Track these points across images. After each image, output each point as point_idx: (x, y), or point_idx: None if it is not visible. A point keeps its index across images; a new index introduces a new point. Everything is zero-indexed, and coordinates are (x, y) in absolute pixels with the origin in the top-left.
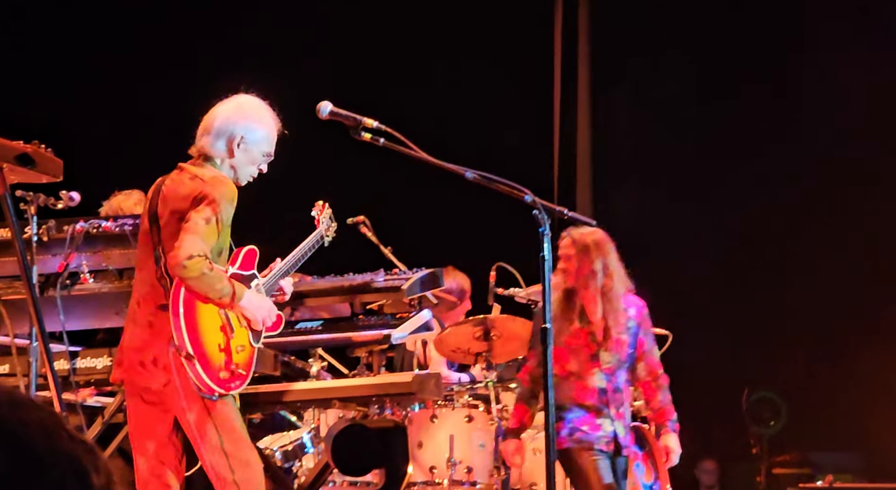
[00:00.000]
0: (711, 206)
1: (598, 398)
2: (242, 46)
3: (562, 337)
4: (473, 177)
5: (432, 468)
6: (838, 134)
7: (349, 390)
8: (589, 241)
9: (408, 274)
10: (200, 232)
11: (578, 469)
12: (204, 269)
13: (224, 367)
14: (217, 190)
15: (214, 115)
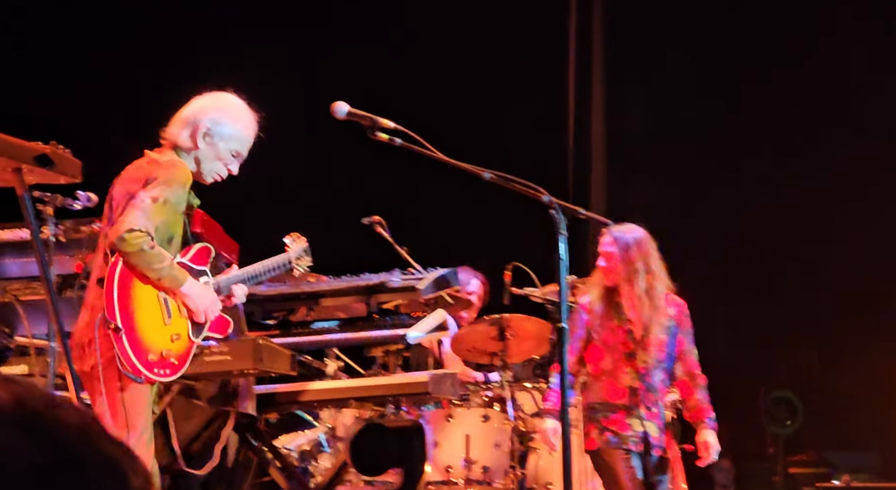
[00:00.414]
0: (727, 203)
1: (629, 397)
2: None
3: (599, 335)
4: (491, 177)
5: (448, 468)
6: (852, 132)
7: (365, 390)
8: (630, 239)
9: (423, 274)
10: (145, 209)
11: (608, 469)
12: (143, 244)
13: (153, 349)
14: (169, 172)
15: (189, 105)
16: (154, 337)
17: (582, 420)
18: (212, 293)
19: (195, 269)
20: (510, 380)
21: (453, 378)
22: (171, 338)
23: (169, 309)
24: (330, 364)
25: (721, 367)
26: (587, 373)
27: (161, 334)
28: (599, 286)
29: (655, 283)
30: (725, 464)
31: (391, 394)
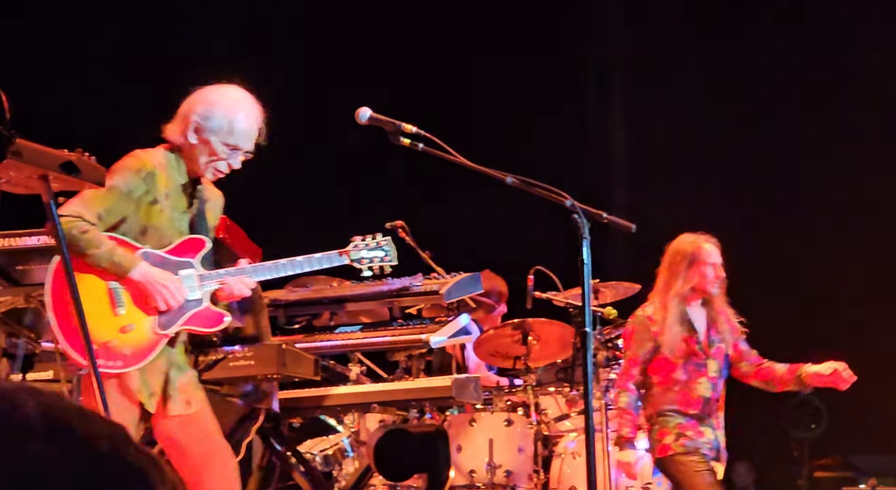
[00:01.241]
0: (749, 206)
1: (702, 407)
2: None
3: (673, 345)
4: (513, 182)
5: (472, 472)
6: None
7: (388, 394)
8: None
9: (446, 278)
10: (84, 196)
11: (686, 473)
12: (73, 230)
13: (95, 341)
14: (122, 160)
15: (184, 101)
16: (96, 328)
17: (649, 427)
18: (172, 281)
19: (172, 261)
20: (533, 384)
21: (476, 382)
22: (121, 329)
23: (120, 299)
24: (353, 369)
25: None
26: (653, 384)
27: (106, 325)
28: (680, 296)
29: (720, 292)
30: (743, 467)
31: (414, 398)
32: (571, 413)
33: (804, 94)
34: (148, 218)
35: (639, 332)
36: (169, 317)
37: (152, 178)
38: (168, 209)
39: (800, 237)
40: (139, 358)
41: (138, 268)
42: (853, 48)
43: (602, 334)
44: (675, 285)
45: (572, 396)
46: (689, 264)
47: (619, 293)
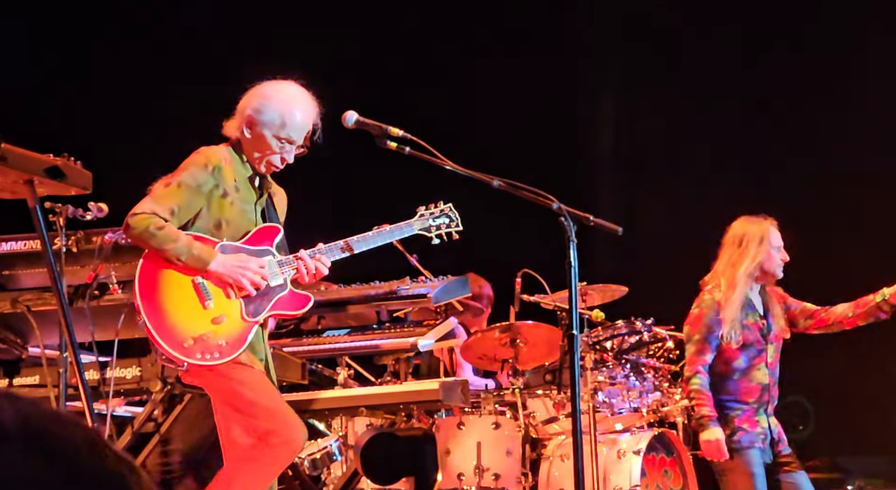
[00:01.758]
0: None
1: (759, 395)
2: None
3: (734, 326)
4: (500, 185)
5: (460, 475)
6: (859, 136)
7: (376, 398)
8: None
9: (434, 281)
10: (154, 194)
11: (740, 471)
12: (150, 226)
13: (186, 335)
14: (189, 158)
15: (243, 96)
16: (189, 323)
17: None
18: (252, 262)
19: (252, 250)
20: (521, 387)
21: (464, 385)
22: (213, 320)
23: (208, 292)
24: (341, 372)
25: None
26: (712, 373)
27: (198, 318)
28: (752, 278)
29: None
30: None
31: (402, 402)
32: (560, 416)
33: (794, 95)
34: (220, 211)
35: (707, 317)
36: (257, 304)
37: (220, 172)
38: (239, 201)
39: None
40: (235, 347)
41: (216, 259)
42: (845, 48)
43: (590, 337)
44: (744, 266)
45: (560, 399)
46: (759, 245)
47: (606, 296)
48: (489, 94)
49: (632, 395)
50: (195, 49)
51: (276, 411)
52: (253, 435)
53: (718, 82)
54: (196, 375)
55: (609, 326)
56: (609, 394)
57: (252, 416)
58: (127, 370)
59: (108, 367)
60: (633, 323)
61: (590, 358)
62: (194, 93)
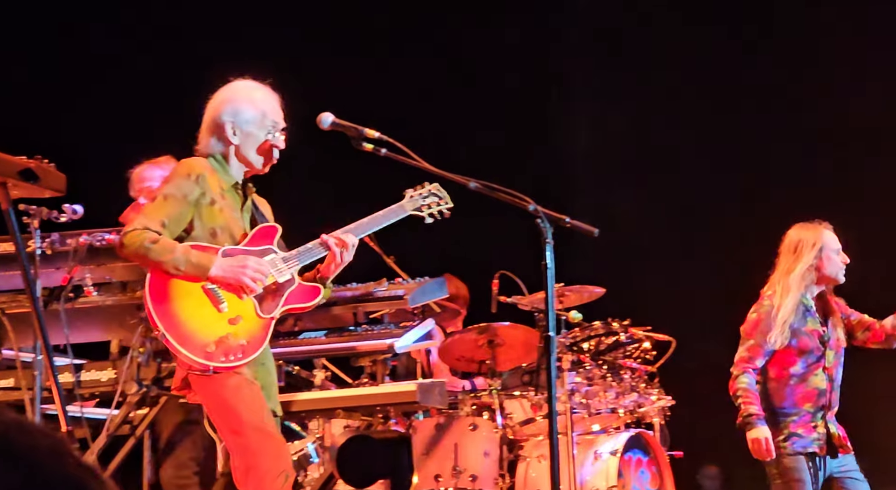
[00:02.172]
0: (716, 210)
1: (816, 400)
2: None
3: (797, 339)
4: (476, 186)
5: (437, 476)
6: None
7: (353, 400)
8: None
9: (410, 283)
10: (144, 210)
11: (791, 477)
12: (144, 241)
13: (208, 340)
14: (171, 171)
15: (205, 113)
16: (207, 328)
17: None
18: (249, 260)
19: (254, 251)
20: (499, 388)
21: (441, 387)
22: (231, 322)
23: (219, 295)
24: (318, 374)
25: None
26: (769, 378)
27: (216, 323)
28: (811, 284)
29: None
30: (713, 470)
31: (379, 403)
32: (537, 417)
33: (769, 96)
34: (212, 220)
35: (765, 323)
36: (269, 301)
37: (204, 180)
38: (227, 208)
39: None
40: (256, 346)
41: (215, 264)
42: (817, 50)
43: (567, 338)
44: (798, 271)
45: (537, 400)
46: (812, 250)
47: (583, 297)
48: (463, 94)
49: (609, 397)
50: (171, 49)
51: (264, 433)
52: (242, 455)
53: (692, 83)
54: (199, 388)
55: (586, 327)
56: (586, 395)
57: (240, 435)
58: (102, 373)
59: (83, 369)
60: (610, 324)
61: (567, 359)
62: (169, 94)
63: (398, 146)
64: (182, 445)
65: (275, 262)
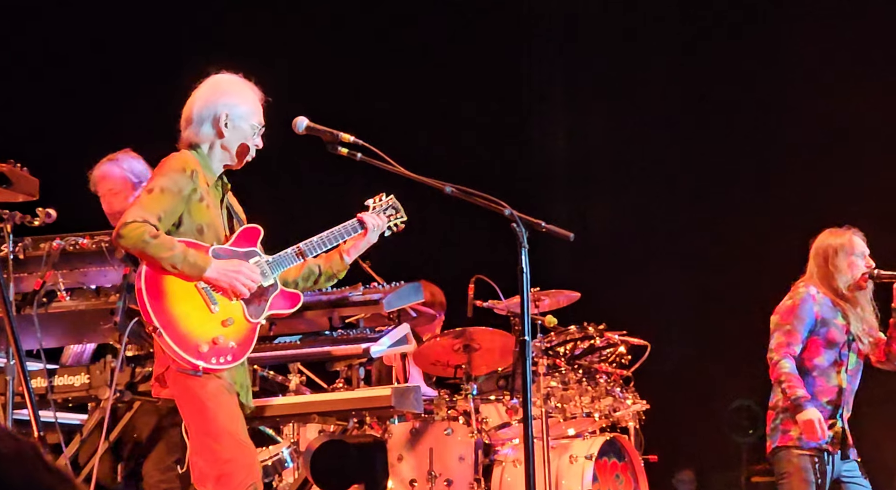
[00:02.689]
0: (690, 215)
1: (835, 396)
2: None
3: (827, 330)
4: (452, 191)
5: (412, 481)
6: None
7: (328, 405)
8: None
9: (386, 287)
10: (140, 201)
11: (799, 467)
12: (144, 235)
13: (202, 340)
14: (164, 164)
15: (192, 102)
16: (201, 328)
17: (773, 414)
18: (241, 267)
19: (240, 252)
20: (474, 392)
21: (416, 392)
22: (223, 323)
23: (212, 296)
24: (293, 379)
25: (688, 376)
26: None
27: (208, 323)
28: (849, 287)
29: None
30: (688, 475)
31: (354, 408)
32: (512, 421)
33: (744, 103)
34: (200, 216)
35: (801, 308)
36: (256, 305)
37: (196, 176)
38: (212, 205)
39: (739, 245)
40: (244, 349)
41: (211, 265)
42: (796, 60)
43: (542, 342)
44: (837, 278)
45: (513, 404)
46: (846, 256)
47: (559, 301)
48: (439, 101)
49: (584, 401)
50: (139, 51)
51: (239, 442)
52: (215, 462)
53: (669, 91)
54: (178, 386)
55: (561, 332)
56: (561, 399)
57: (215, 440)
58: (75, 377)
59: (56, 374)
60: (585, 328)
61: (542, 363)
62: (141, 96)
63: (374, 150)
64: (165, 448)
65: (260, 265)
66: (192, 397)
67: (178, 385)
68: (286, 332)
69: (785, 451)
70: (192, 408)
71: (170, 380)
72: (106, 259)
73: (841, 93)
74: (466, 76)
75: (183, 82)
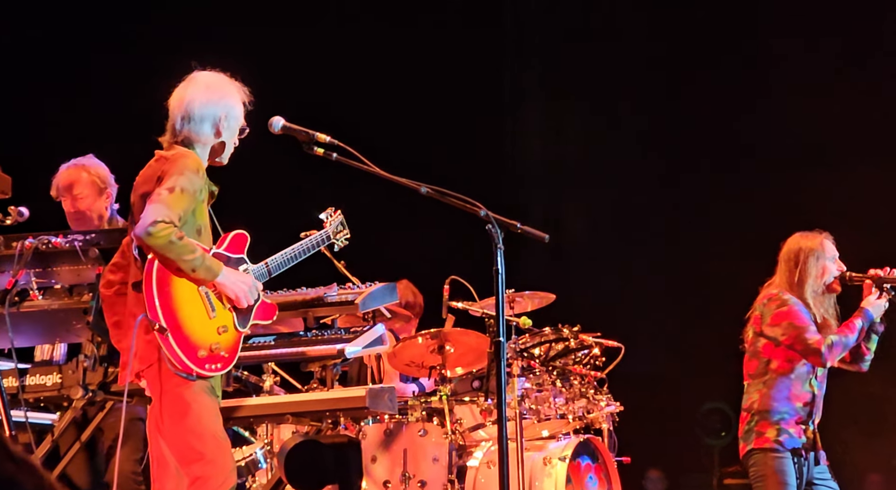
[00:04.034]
0: (664, 217)
1: (808, 402)
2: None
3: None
4: (428, 191)
5: (386, 482)
6: (796, 140)
7: (303, 405)
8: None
9: (361, 288)
10: (164, 200)
11: (775, 470)
12: (171, 236)
13: (202, 345)
14: (179, 162)
15: (189, 99)
16: (201, 332)
17: (747, 416)
18: (248, 278)
19: (233, 258)
20: (449, 393)
21: (391, 392)
22: (218, 331)
23: (211, 302)
24: (267, 379)
25: (662, 378)
26: (769, 370)
27: (207, 329)
28: (822, 291)
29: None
30: (656, 474)
31: (329, 409)
32: (486, 422)
33: (719, 104)
34: (201, 217)
35: (802, 312)
36: (244, 315)
37: (205, 177)
38: (206, 205)
39: (713, 249)
40: (232, 357)
41: (224, 271)
42: (770, 58)
43: (517, 344)
44: (809, 284)
45: (487, 406)
46: (819, 261)
47: (534, 303)
48: (415, 101)
49: (558, 402)
50: (114, 49)
51: (221, 443)
52: (197, 462)
53: (643, 94)
54: (164, 385)
55: (536, 333)
56: (536, 400)
57: (199, 440)
58: (47, 377)
59: (27, 373)
60: (560, 330)
61: (517, 365)
62: (115, 94)
63: (350, 151)
64: (138, 442)
65: (248, 272)
66: (177, 398)
67: (165, 384)
68: (260, 333)
69: (761, 453)
70: (176, 408)
71: (151, 377)
72: (79, 258)
73: (817, 96)
74: (443, 77)
75: (154, 82)
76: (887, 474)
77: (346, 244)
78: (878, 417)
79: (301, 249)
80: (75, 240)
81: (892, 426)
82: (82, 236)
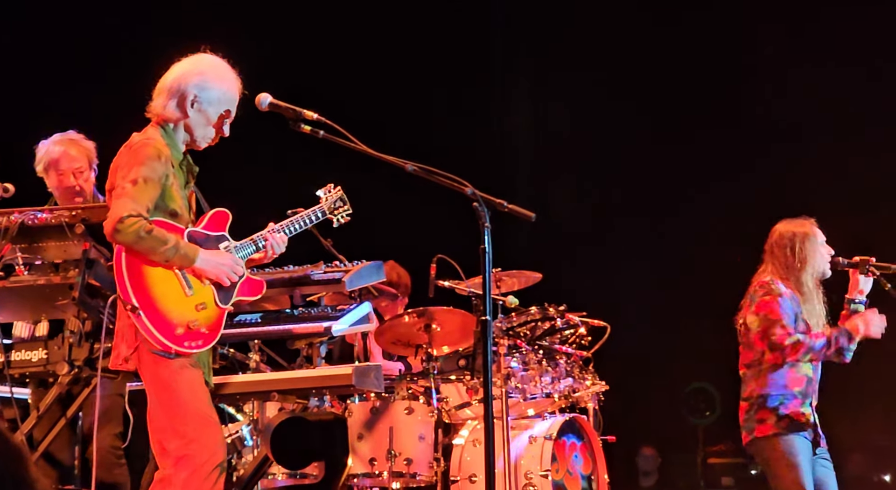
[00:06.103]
0: (650, 198)
1: (805, 386)
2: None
3: (797, 323)
4: (414, 169)
5: (372, 460)
6: (779, 125)
7: (289, 383)
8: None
9: (348, 266)
10: (129, 193)
11: (784, 454)
12: (140, 231)
13: (179, 323)
14: (136, 153)
15: (169, 73)
16: (178, 310)
17: (746, 406)
18: (227, 257)
19: (213, 236)
20: (435, 372)
21: (377, 370)
22: (197, 308)
23: (187, 280)
24: (253, 357)
25: (647, 358)
26: (763, 360)
27: (184, 306)
28: (815, 277)
29: None
30: (649, 451)
31: (315, 386)
32: (472, 401)
33: (704, 91)
34: (172, 200)
35: (783, 302)
36: (226, 291)
37: (168, 161)
38: (178, 186)
39: (699, 229)
40: (214, 334)
41: (200, 256)
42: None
43: (503, 323)
44: (809, 265)
45: (473, 384)
46: (813, 245)
47: (520, 282)
48: (404, 81)
49: (544, 381)
50: (96, 30)
51: (205, 419)
52: (178, 441)
53: (632, 75)
54: (147, 367)
55: (523, 312)
56: (522, 379)
57: (182, 420)
58: (33, 353)
59: (13, 349)
60: (546, 309)
61: (503, 344)
62: (96, 75)
63: (336, 128)
64: (119, 418)
65: (230, 249)
66: (159, 378)
67: (147, 366)
68: (247, 310)
69: (765, 440)
70: (159, 387)
71: (142, 361)
72: (65, 234)
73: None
74: (432, 57)
75: (140, 61)
76: (869, 454)
77: (349, 220)
78: (861, 397)
79: (293, 226)
80: (62, 215)
81: (873, 406)
82: (68, 212)
